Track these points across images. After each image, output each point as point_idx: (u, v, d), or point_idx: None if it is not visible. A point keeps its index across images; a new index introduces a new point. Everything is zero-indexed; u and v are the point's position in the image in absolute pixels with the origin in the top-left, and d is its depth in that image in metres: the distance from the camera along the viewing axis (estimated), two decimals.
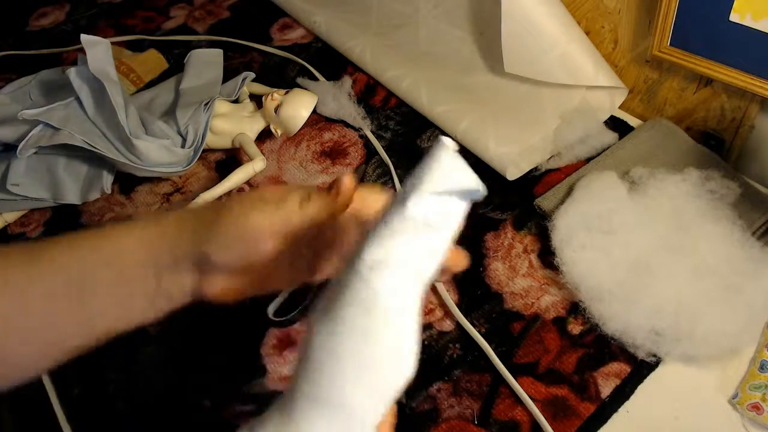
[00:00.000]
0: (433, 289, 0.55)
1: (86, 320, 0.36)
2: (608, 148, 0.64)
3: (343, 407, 0.26)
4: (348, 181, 0.35)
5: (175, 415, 0.50)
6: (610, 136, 0.65)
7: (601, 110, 0.68)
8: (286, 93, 0.70)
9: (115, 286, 0.36)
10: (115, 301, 0.36)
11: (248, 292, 0.37)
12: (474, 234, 0.59)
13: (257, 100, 0.75)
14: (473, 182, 0.27)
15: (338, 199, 0.35)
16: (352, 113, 0.73)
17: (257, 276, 0.37)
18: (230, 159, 0.72)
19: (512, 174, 0.64)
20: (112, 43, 0.68)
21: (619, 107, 0.69)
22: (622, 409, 0.47)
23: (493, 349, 0.50)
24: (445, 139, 0.27)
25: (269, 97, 0.69)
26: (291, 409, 0.26)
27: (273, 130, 0.70)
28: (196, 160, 0.66)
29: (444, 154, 0.27)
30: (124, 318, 0.37)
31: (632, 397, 0.47)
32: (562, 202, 0.58)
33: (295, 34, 0.89)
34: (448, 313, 0.54)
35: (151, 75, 0.84)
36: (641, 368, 0.48)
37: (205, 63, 0.79)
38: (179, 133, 0.68)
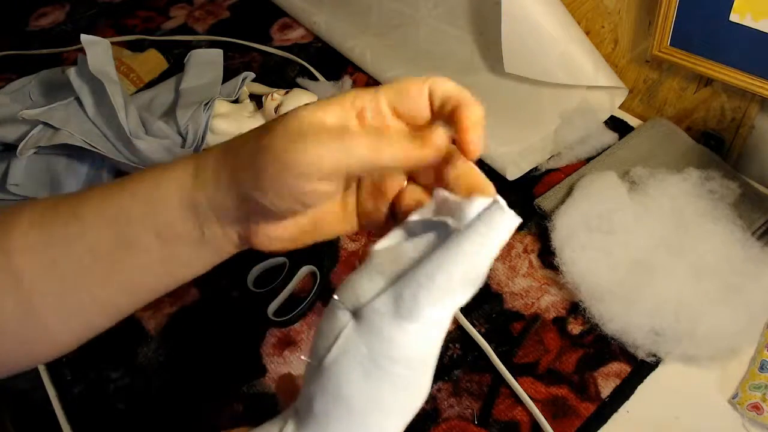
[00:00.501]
0: None
1: (130, 278, 0.33)
2: (608, 148, 0.64)
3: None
4: (443, 137, 0.28)
5: (175, 415, 0.50)
6: (610, 136, 0.65)
7: (601, 110, 0.68)
8: (286, 93, 0.70)
9: (158, 237, 0.32)
10: (159, 256, 0.33)
11: (300, 240, 0.33)
12: None
13: (257, 100, 0.75)
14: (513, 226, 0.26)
15: (423, 154, 0.28)
16: None
17: (311, 221, 0.32)
18: None
19: (512, 174, 0.64)
20: (112, 43, 0.68)
21: (619, 107, 0.69)
22: (622, 409, 0.47)
23: (493, 349, 0.50)
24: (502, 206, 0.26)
25: (269, 97, 0.69)
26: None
27: None
28: None
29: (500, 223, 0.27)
30: (169, 273, 0.34)
31: (632, 397, 0.47)
32: (562, 202, 0.58)
33: (295, 34, 0.89)
34: None
35: (151, 75, 0.84)
36: (641, 368, 0.48)
37: (205, 63, 0.79)
38: (179, 133, 0.68)
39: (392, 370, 0.25)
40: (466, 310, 0.53)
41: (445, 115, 0.30)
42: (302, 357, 0.30)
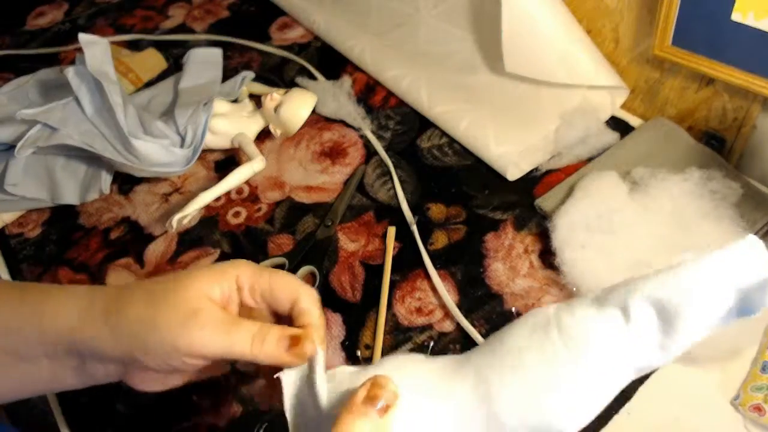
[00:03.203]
0: (434, 289, 0.55)
1: (19, 382, 0.37)
2: (609, 148, 0.64)
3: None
4: (313, 348, 0.33)
5: (175, 415, 0.50)
6: (611, 136, 0.65)
7: (601, 110, 0.67)
8: (286, 93, 0.69)
9: (44, 356, 0.35)
10: (45, 370, 0.36)
11: (171, 385, 0.37)
12: (474, 234, 0.59)
13: (257, 99, 0.75)
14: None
15: (294, 360, 0.33)
16: (352, 113, 0.73)
17: (183, 375, 0.37)
18: (229, 159, 0.72)
19: (512, 174, 0.63)
20: (111, 43, 0.68)
21: (620, 107, 0.69)
22: (623, 411, 0.46)
23: None
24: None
25: (269, 96, 0.69)
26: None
27: (272, 130, 0.70)
28: (195, 160, 0.66)
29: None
30: (52, 386, 0.37)
31: (633, 399, 0.47)
32: (562, 202, 0.57)
33: (295, 34, 0.89)
34: (448, 314, 0.53)
35: (150, 74, 0.83)
36: None
37: (204, 62, 0.79)
38: (178, 133, 0.68)
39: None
40: (466, 310, 0.53)
41: (296, 325, 0.35)
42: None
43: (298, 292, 0.35)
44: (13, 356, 0.35)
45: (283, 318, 0.36)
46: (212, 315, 0.33)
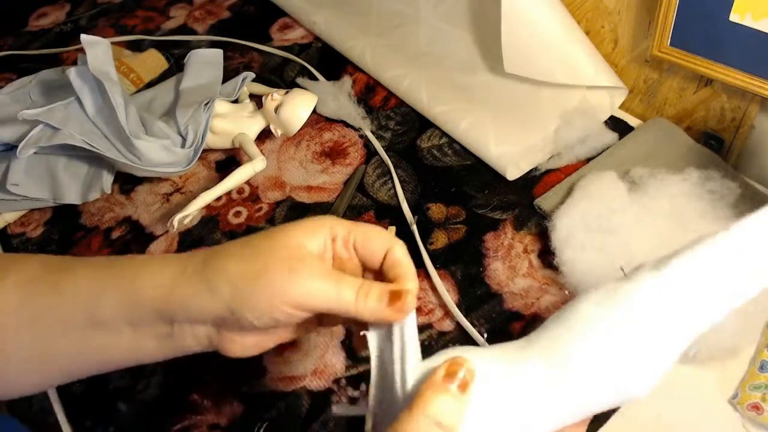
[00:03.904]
0: (433, 288, 0.55)
1: (95, 353, 0.36)
2: (608, 148, 0.64)
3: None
4: (414, 302, 0.33)
5: (176, 413, 0.50)
6: (610, 136, 0.65)
7: (601, 110, 0.68)
8: (286, 93, 0.70)
9: (129, 325, 0.35)
10: (127, 341, 0.35)
11: (262, 347, 0.37)
12: (474, 234, 0.59)
13: (257, 100, 0.75)
14: None
15: (396, 315, 0.33)
16: (352, 113, 0.73)
17: (276, 334, 0.36)
18: (230, 159, 0.72)
19: (512, 174, 0.64)
20: (112, 43, 0.68)
21: (619, 107, 0.69)
22: (620, 410, 0.47)
23: None
24: None
25: (269, 97, 0.69)
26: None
27: (273, 130, 0.70)
28: (196, 160, 0.66)
29: None
30: (132, 357, 0.36)
31: None
32: (562, 202, 0.58)
33: (295, 34, 0.89)
34: (448, 313, 0.54)
35: (151, 75, 0.84)
36: None
37: (205, 63, 0.79)
38: (179, 133, 0.68)
39: None
40: (466, 309, 0.54)
41: (388, 276, 0.34)
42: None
43: (392, 242, 0.35)
44: (93, 326, 0.35)
45: (374, 272, 0.36)
46: (317, 266, 0.33)
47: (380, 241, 0.35)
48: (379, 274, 0.36)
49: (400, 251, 0.35)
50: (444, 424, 0.29)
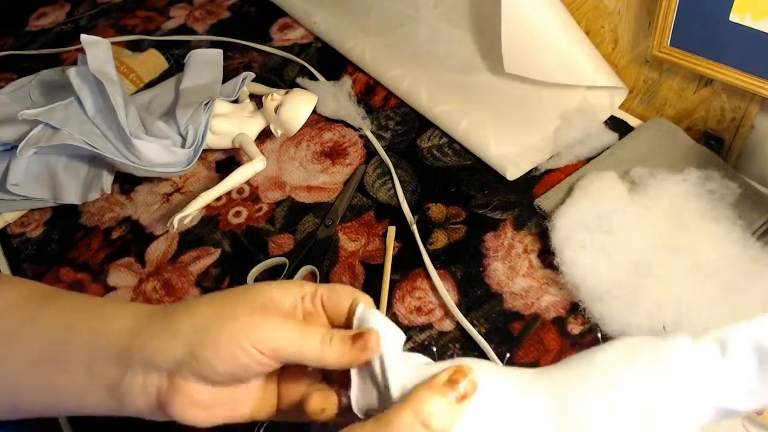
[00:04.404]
0: (433, 288, 0.55)
1: (48, 395, 0.35)
2: (608, 148, 0.64)
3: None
4: (378, 341, 0.32)
5: None
6: (610, 136, 0.65)
7: (600, 110, 0.68)
8: (286, 93, 0.70)
9: (85, 364, 0.34)
10: (77, 382, 0.34)
11: (213, 415, 0.34)
12: (474, 234, 0.59)
13: (257, 100, 0.75)
14: None
15: (360, 354, 0.32)
16: (352, 113, 0.73)
17: (230, 394, 0.34)
18: (230, 159, 0.72)
19: (512, 174, 0.64)
20: (112, 43, 0.68)
21: (619, 107, 0.69)
22: None
23: (493, 349, 0.50)
24: None
25: (269, 97, 0.69)
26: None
27: (273, 130, 0.70)
28: (196, 160, 0.66)
29: None
30: (76, 404, 0.35)
31: None
32: (562, 202, 0.58)
33: (295, 34, 0.89)
34: (448, 313, 0.54)
35: (151, 75, 0.84)
36: None
37: (205, 63, 0.79)
38: (179, 133, 0.68)
39: None
40: (466, 309, 0.54)
41: (354, 328, 0.34)
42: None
43: (356, 293, 0.36)
44: (52, 364, 0.34)
45: (342, 327, 0.36)
46: (285, 314, 0.33)
47: (345, 294, 0.35)
48: (346, 329, 0.35)
49: (364, 300, 0.35)
50: (432, 427, 0.28)
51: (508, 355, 0.50)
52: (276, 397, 0.37)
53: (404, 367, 0.32)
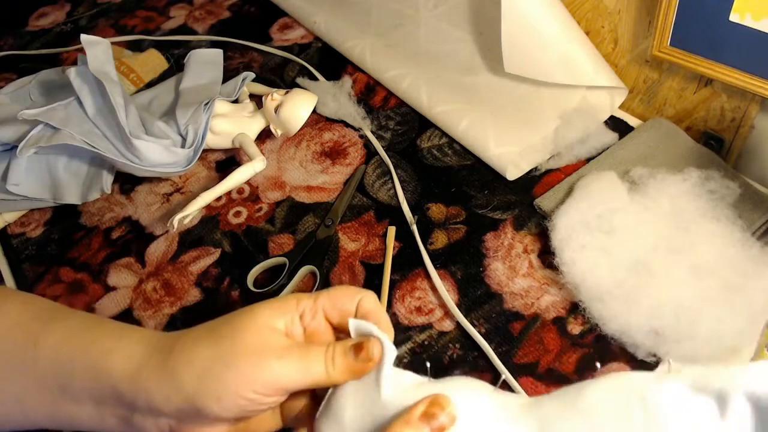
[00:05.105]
0: (433, 288, 0.55)
1: (63, 423, 0.35)
2: (608, 148, 0.64)
3: None
4: (379, 349, 0.32)
5: None
6: (610, 136, 0.65)
7: (600, 110, 0.68)
8: (286, 93, 0.70)
9: (91, 399, 0.34)
10: (88, 412, 0.34)
11: None
12: (474, 234, 0.59)
13: (257, 100, 0.75)
14: None
15: (364, 365, 0.31)
16: (352, 113, 0.73)
17: (243, 423, 0.34)
18: (230, 159, 0.72)
19: (512, 174, 0.64)
20: (112, 43, 0.68)
21: (619, 107, 0.69)
22: None
23: (493, 349, 0.50)
24: None
25: (269, 97, 0.69)
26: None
27: (273, 130, 0.70)
28: (196, 160, 0.66)
29: None
30: (96, 428, 0.35)
31: None
32: (562, 202, 0.58)
33: (295, 34, 0.89)
34: (448, 313, 0.54)
35: (151, 75, 0.84)
36: (641, 368, 0.48)
37: (205, 63, 0.79)
38: (179, 133, 0.68)
39: None
40: (466, 309, 0.54)
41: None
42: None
43: (360, 293, 0.34)
44: (62, 393, 0.34)
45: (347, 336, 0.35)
46: (284, 344, 0.32)
47: (349, 297, 0.34)
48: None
49: (370, 300, 0.34)
50: None
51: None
52: (279, 415, 0.37)
53: (399, 380, 0.32)
